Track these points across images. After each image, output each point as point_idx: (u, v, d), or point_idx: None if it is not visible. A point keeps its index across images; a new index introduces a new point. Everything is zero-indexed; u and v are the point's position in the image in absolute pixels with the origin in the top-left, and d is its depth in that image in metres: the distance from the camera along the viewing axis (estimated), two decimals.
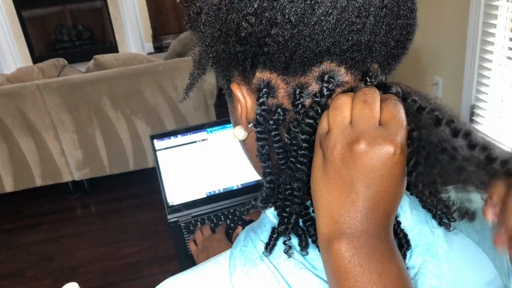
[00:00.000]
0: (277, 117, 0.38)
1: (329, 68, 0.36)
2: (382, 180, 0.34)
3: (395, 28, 0.36)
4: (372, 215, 0.34)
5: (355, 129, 0.34)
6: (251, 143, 0.44)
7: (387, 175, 0.34)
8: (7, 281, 2.15)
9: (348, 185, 0.34)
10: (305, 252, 0.41)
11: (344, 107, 0.35)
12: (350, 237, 0.34)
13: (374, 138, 0.33)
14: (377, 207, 0.34)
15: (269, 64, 0.37)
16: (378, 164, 0.33)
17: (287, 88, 0.38)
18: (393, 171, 0.34)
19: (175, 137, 1.20)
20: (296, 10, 0.34)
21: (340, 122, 0.35)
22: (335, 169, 0.34)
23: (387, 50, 0.37)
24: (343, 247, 0.34)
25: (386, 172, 0.33)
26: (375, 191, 0.34)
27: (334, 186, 0.35)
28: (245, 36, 0.36)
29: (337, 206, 0.35)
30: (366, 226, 0.34)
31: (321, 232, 0.36)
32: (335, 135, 0.34)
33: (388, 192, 0.34)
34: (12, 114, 2.39)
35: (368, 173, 0.33)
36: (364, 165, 0.33)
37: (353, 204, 0.34)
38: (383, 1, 0.35)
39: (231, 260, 0.43)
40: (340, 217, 0.34)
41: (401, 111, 0.35)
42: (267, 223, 0.44)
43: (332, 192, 0.35)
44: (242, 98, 0.40)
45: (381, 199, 0.34)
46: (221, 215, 1.21)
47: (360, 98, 0.35)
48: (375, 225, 0.34)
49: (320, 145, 0.36)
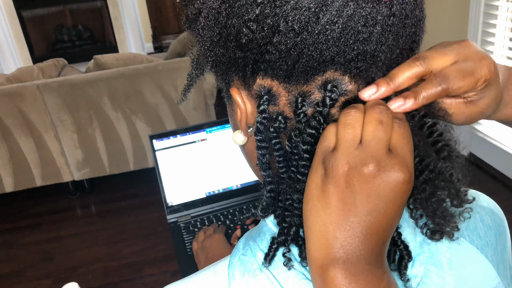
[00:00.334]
0: (278, 125, 0.37)
1: (333, 77, 0.35)
2: (386, 208, 0.32)
3: (401, 37, 0.35)
4: (370, 241, 0.32)
5: (365, 151, 0.32)
6: (250, 148, 0.43)
7: (392, 203, 0.32)
8: (7, 281, 2.15)
9: (349, 208, 0.32)
10: (305, 263, 0.39)
11: (356, 125, 0.33)
12: (347, 263, 0.32)
13: (385, 163, 0.31)
14: (376, 233, 0.32)
15: (270, 71, 0.36)
16: (386, 191, 0.32)
17: (289, 96, 0.37)
18: (398, 200, 0.32)
19: (175, 137, 1.19)
20: (299, 18, 0.32)
21: (350, 140, 0.33)
22: (338, 190, 0.32)
23: (391, 59, 0.36)
24: (339, 274, 0.32)
25: (392, 199, 0.32)
26: (376, 218, 0.32)
27: (334, 208, 0.33)
28: (245, 42, 0.35)
29: (333, 229, 0.33)
30: (363, 252, 0.32)
31: (313, 256, 0.34)
32: (342, 154, 0.32)
33: (389, 220, 0.33)
34: (12, 114, 2.39)
35: (374, 199, 0.32)
36: (371, 190, 0.32)
37: (352, 229, 0.32)
38: (391, 10, 0.33)
39: (230, 269, 0.43)
40: (336, 241, 0.32)
41: (409, 133, 0.33)
42: (266, 231, 0.43)
43: (330, 214, 0.33)
44: (241, 103, 0.39)
45: (381, 226, 0.32)
46: (220, 215, 1.21)
47: (375, 117, 0.33)
48: (372, 251, 0.32)
49: (322, 161, 0.34)
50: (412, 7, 0.35)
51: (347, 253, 0.32)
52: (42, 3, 4.98)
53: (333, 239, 0.32)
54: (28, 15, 4.98)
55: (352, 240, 0.32)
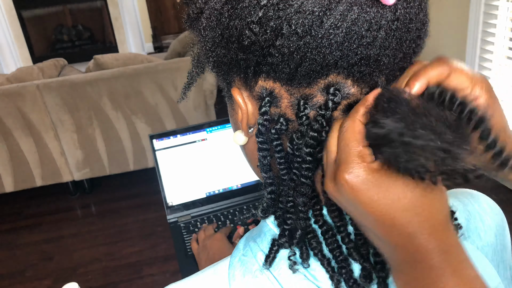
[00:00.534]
0: (280, 127, 0.37)
1: (335, 80, 0.35)
2: (358, 210, 0.33)
3: (405, 41, 0.35)
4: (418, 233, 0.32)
5: (330, 167, 0.35)
6: (251, 148, 0.43)
7: (356, 203, 0.33)
8: (7, 281, 2.15)
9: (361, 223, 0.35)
10: (306, 264, 0.39)
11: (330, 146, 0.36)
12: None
13: (331, 176, 0.34)
14: (410, 224, 0.32)
15: (272, 74, 0.35)
16: (344, 197, 0.33)
17: (291, 98, 0.36)
18: (378, 182, 0.32)
19: (175, 137, 1.19)
20: (303, 22, 0.32)
21: (329, 158, 0.36)
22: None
23: (394, 63, 0.36)
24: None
25: (351, 201, 0.33)
26: (381, 213, 0.33)
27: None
28: (248, 44, 0.34)
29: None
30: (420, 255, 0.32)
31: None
32: (327, 171, 0.36)
33: (399, 205, 0.32)
34: (12, 114, 2.39)
35: (347, 207, 0.34)
36: (341, 200, 0.34)
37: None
38: (395, 14, 0.33)
39: (230, 270, 0.42)
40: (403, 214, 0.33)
41: (347, 134, 0.34)
42: (267, 232, 0.43)
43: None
44: (243, 103, 0.39)
45: (400, 216, 0.32)
46: (220, 215, 1.21)
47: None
48: (427, 245, 0.32)
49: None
50: (417, 11, 0.35)
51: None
52: (42, 3, 4.98)
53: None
54: (28, 15, 4.97)
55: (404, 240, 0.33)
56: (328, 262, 0.39)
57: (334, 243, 0.39)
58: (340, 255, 0.39)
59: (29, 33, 5.01)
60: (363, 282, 0.38)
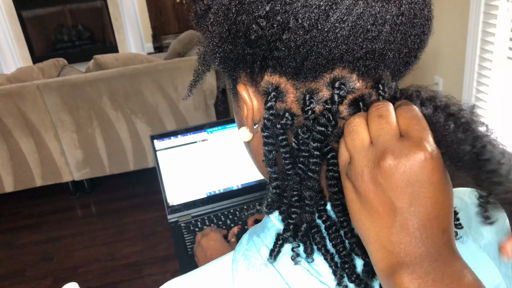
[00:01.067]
0: (285, 122, 0.38)
1: (341, 75, 0.35)
2: (423, 191, 0.31)
3: (410, 36, 0.35)
4: (427, 233, 0.31)
5: (377, 148, 0.32)
6: (256, 145, 0.43)
7: (427, 184, 0.31)
8: (7, 281, 2.15)
9: (389, 208, 0.32)
10: (310, 259, 0.40)
11: (359, 129, 0.34)
12: (411, 266, 0.31)
13: (399, 150, 0.31)
14: (429, 223, 0.31)
15: (278, 68, 0.36)
16: (413, 174, 0.31)
17: (297, 93, 0.37)
18: (432, 178, 0.31)
19: (175, 137, 1.20)
20: (309, 15, 0.32)
21: (360, 145, 0.33)
22: (371, 196, 0.32)
23: (399, 58, 0.36)
24: (405, 279, 0.30)
25: (424, 181, 0.31)
26: (421, 206, 0.31)
27: (376, 215, 0.32)
28: (255, 39, 0.35)
29: (386, 235, 0.32)
30: (424, 249, 0.31)
31: (378, 268, 0.33)
32: (358, 161, 0.33)
33: (436, 203, 0.31)
34: (12, 114, 2.39)
35: (406, 188, 0.31)
36: (398, 181, 0.31)
37: (403, 228, 0.31)
38: (400, 9, 0.34)
39: (234, 265, 0.43)
40: (394, 246, 0.31)
41: (418, 113, 0.33)
42: (270, 227, 0.43)
43: (377, 222, 0.32)
44: (248, 99, 0.39)
45: (430, 213, 0.31)
46: (221, 215, 1.21)
47: (374, 114, 0.34)
48: (433, 244, 0.31)
49: (347, 177, 0.34)
50: (421, 7, 0.35)
51: (408, 255, 0.31)
52: (42, 3, 4.98)
53: (390, 246, 0.32)
54: (28, 15, 4.97)
55: (407, 240, 0.31)
56: (332, 257, 0.39)
57: (338, 238, 0.39)
58: (343, 250, 0.39)
59: (29, 33, 5.01)
60: (366, 277, 0.38)
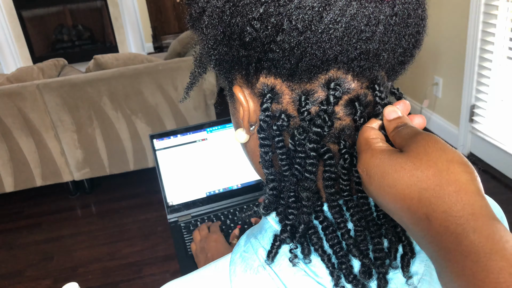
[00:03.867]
0: (281, 123, 0.38)
1: (336, 76, 0.35)
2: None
3: (404, 36, 0.35)
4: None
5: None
6: (252, 146, 0.44)
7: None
8: (7, 281, 2.15)
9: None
10: (308, 260, 0.40)
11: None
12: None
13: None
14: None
15: (274, 70, 0.36)
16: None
17: (292, 94, 0.37)
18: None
19: (175, 136, 1.20)
20: (303, 17, 0.33)
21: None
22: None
23: (394, 58, 0.36)
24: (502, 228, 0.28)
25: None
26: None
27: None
28: (249, 41, 0.35)
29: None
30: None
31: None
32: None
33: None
34: (12, 114, 2.39)
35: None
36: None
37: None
38: (393, 9, 0.34)
39: (231, 266, 0.43)
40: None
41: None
42: (268, 228, 0.43)
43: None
44: (244, 101, 0.40)
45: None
46: (221, 215, 1.21)
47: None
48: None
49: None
50: (415, 7, 0.35)
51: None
52: (42, 3, 4.98)
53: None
54: (28, 15, 4.97)
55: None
56: (329, 258, 0.39)
57: (335, 239, 0.39)
58: (340, 251, 0.39)
59: (29, 33, 5.01)
60: (363, 278, 0.38)
